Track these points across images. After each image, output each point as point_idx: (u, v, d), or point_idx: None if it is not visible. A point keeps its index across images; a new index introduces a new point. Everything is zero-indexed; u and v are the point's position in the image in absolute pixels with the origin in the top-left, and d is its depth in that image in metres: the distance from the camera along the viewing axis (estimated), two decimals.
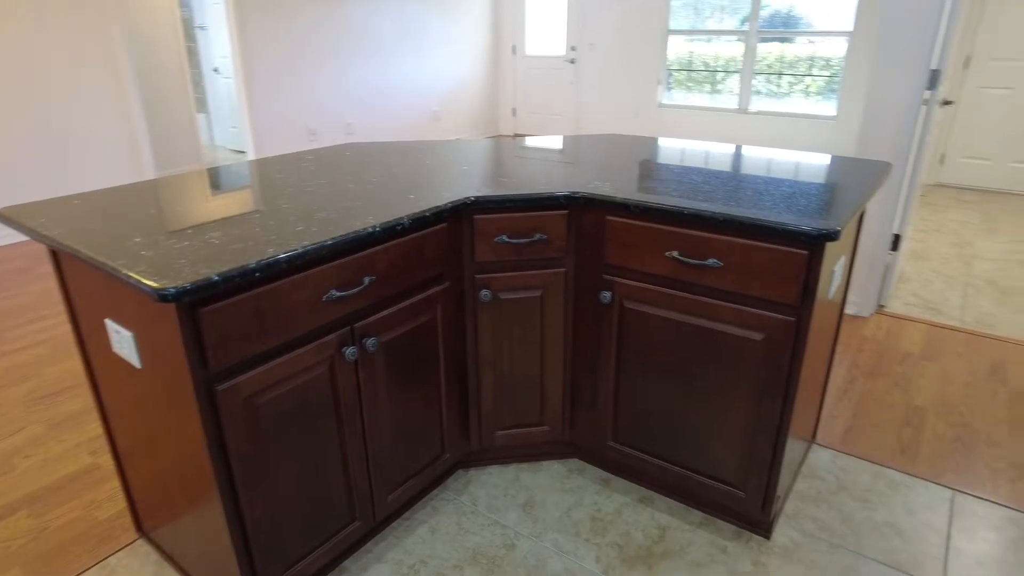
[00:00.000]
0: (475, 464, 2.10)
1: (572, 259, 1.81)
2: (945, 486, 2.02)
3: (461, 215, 1.70)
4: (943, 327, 3.07)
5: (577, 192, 1.71)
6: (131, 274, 1.11)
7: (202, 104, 7.56)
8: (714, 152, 2.21)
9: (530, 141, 2.46)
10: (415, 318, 1.63)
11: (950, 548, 1.79)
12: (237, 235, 1.32)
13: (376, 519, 1.69)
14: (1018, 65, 5.29)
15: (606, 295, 1.75)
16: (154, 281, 1.08)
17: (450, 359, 1.80)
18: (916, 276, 3.68)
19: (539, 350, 1.89)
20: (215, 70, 7.16)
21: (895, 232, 3.11)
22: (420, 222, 1.54)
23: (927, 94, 2.85)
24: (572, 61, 7.68)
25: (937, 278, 3.65)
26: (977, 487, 2.02)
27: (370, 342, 1.48)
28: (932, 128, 3.01)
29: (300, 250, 1.25)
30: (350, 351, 1.43)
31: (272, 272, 1.21)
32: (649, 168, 1.99)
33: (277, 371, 1.29)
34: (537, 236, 1.74)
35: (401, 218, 1.48)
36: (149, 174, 5.05)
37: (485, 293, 1.77)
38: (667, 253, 1.62)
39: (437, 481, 2.01)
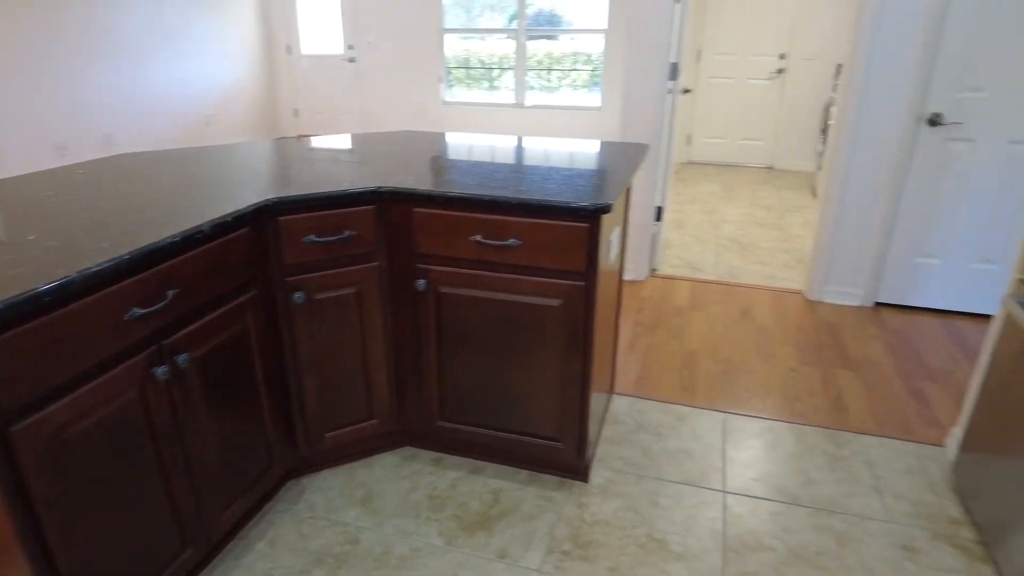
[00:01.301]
0: (308, 471, 2.08)
1: (384, 252, 1.87)
2: (718, 411, 2.43)
3: (264, 218, 1.68)
4: (704, 282, 3.62)
5: (383, 187, 1.78)
6: None
7: None
8: (499, 144, 2.39)
9: (318, 141, 2.45)
10: (227, 328, 1.58)
11: (726, 459, 2.16)
12: (14, 260, 1.19)
13: (210, 543, 1.62)
14: (735, 58, 6.30)
15: (421, 283, 1.84)
16: None
17: (269, 367, 1.77)
18: (678, 242, 4.27)
19: (360, 345, 1.93)
20: None
21: (658, 205, 3.59)
22: (221, 228, 1.50)
23: (670, 84, 3.33)
24: (352, 60, 7.60)
25: (694, 242, 4.28)
26: (740, 407, 2.45)
27: (181, 359, 1.42)
28: (677, 113, 3.52)
29: (95, 268, 1.17)
30: (161, 370, 1.37)
31: (65, 294, 1.12)
32: (443, 161, 2.11)
33: (83, 401, 1.19)
34: (347, 233, 1.77)
35: (201, 225, 1.43)
36: None
37: (298, 295, 1.76)
38: (472, 237, 1.75)
39: (269, 494, 1.96)
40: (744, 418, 2.39)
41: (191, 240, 1.41)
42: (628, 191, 2.26)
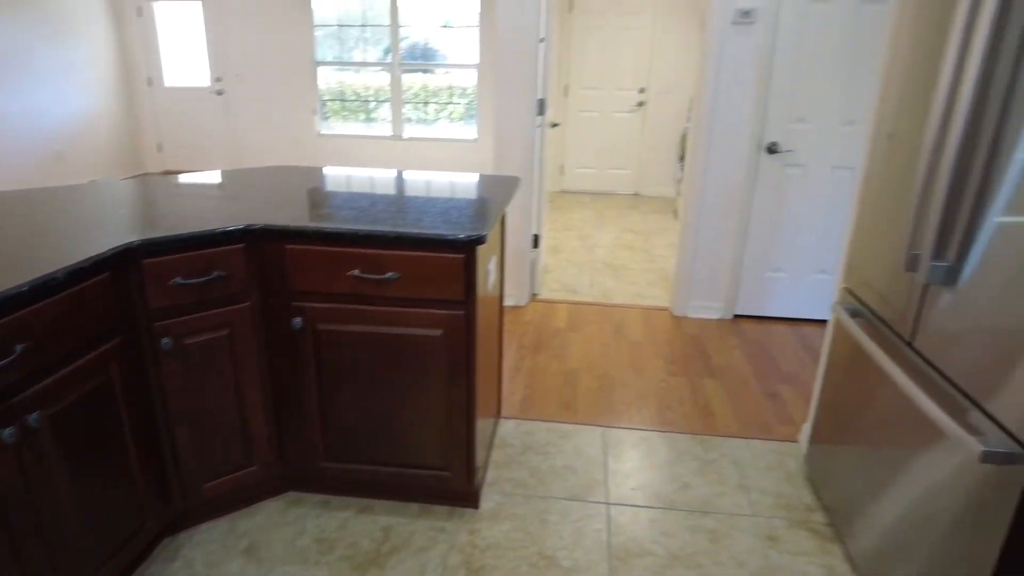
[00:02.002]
0: (185, 526, 1.96)
1: (257, 292, 1.83)
2: (598, 425, 2.55)
3: (127, 262, 1.60)
4: (581, 303, 3.80)
5: (253, 224, 1.75)
6: None
7: None
8: (377, 177, 2.42)
9: (186, 178, 2.36)
10: (87, 380, 1.48)
11: (608, 471, 2.28)
12: None
13: None
14: (600, 93, 6.70)
15: (297, 321, 1.82)
16: None
17: (137, 418, 1.67)
18: (556, 266, 4.45)
19: (236, 389, 1.86)
20: None
21: (535, 233, 3.73)
22: (77, 275, 1.42)
23: (539, 119, 3.50)
24: (220, 92, 7.32)
25: (571, 266, 4.47)
26: (618, 420, 2.59)
27: (33, 418, 1.32)
28: (547, 146, 3.70)
29: None
30: (7, 432, 1.26)
31: None
32: (319, 196, 2.10)
33: None
34: (216, 274, 1.72)
35: (54, 273, 1.35)
36: None
37: (166, 341, 1.69)
38: (349, 272, 1.76)
39: (142, 556, 1.83)
40: (622, 430, 2.52)
41: (42, 289, 1.32)
42: (503, 221, 2.35)
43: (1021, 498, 1.15)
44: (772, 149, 3.35)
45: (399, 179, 2.40)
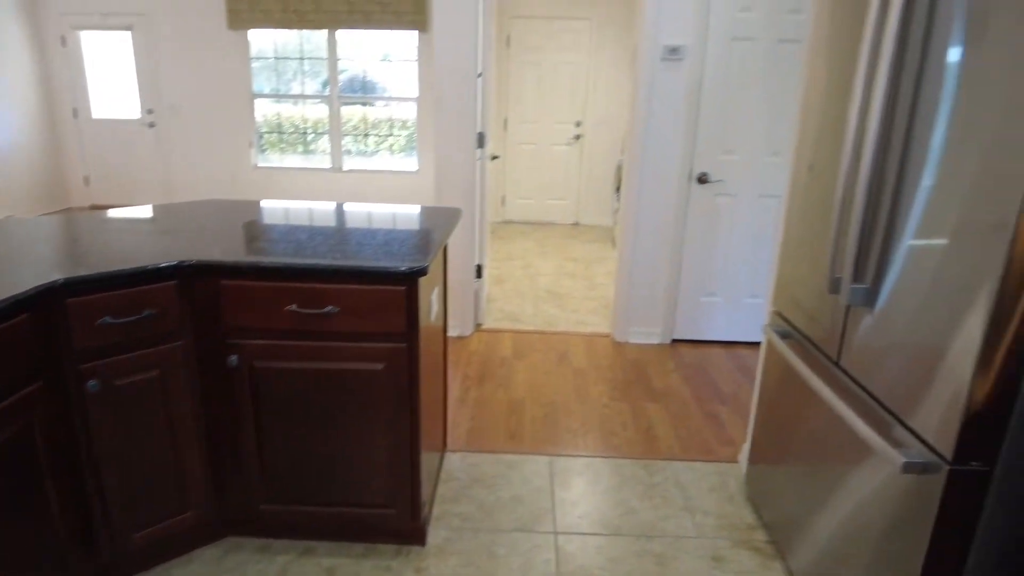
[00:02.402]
0: None
1: (190, 330, 1.77)
2: (544, 454, 2.55)
3: (50, 301, 1.53)
4: (525, 332, 3.82)
5: (186, 260, 1.70)
6: None
7: None
8: (316, 210, 2.39)
9: (115, 212, 2.28)
10: (5, 427, 1.40)
11: (555, 500, 2.28)
12: None
13: None
14: (538, 126, 6.85)
15: (233, 359, 1.77)
16: None
17: (60, 465, 1.58)
18: (500, 296, 4.48)
19: (169, 431, 1.79)
20: None
21: (478, 263, 3.76)
22: None
23: (479, 152, 3.55)
24: (152, 125, 7.12)
25: (515, 295, 4.51)
26: (564, 448, 2.60)
27: None
28: (488, 178, 3.75)
29: None
30: None
31: None
32: (256, 230, 2.07)
33: None
34: (146, 312, 1.66)
35: None
36: None
37: (93, 383, 1.61)
38: (288, 307, 1.73)
39: None
40: (568, 458, 2.53)
41: None
42: (445, 252, 2.36)
43: (940, 506, 1.22)
44: (703, 179, 3.49)
45: (339, 211, 2.39)
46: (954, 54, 1.24)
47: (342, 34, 6.95)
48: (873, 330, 1.49)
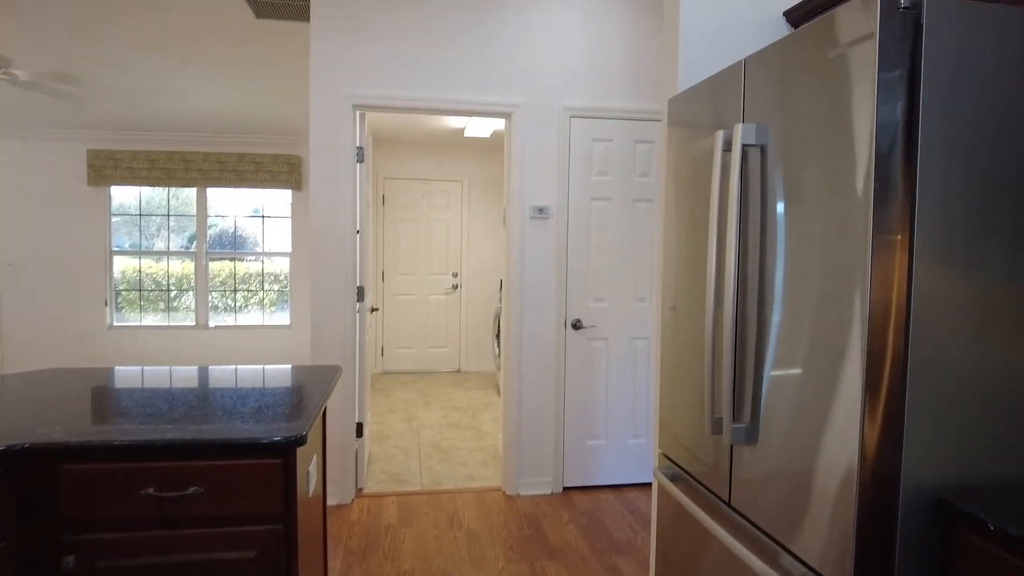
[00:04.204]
0: None
1: (12, 529, 1.49)
2: None
3: None
4: (410, 494, 3.60)
5: (16, 444, 1.47)
6: None
7: None
8: (179, 374, 2.20)
9: None
10: None
11: None
12: None
13: None
14: (416, 277, 6.97)
15: (69, 561, 1.49)
16: None
17: None
18: (382, 455, 4.24)
19: None
20: None
21: (358, 421, 3.57)
22: None
23: (358, 305, 3.51)
24: None
25: (398, 452, 4.29)
26: None
27: None
28: (367, 330, 3.69)
29: None
30: None
31: None
32: (106, 400, 1.85)
33: None
34: None
35: None
36: None
37: None
38: (143, 491, 1.51)
39: None
40: None
41: None
42: (324, 414, 2.23)
43: None
44: (576, 325, 3.64)
45: (203, 374, 2.21)
46: (780, 209, 1.42)
47: (213, 191, 6.89)
48: (755, 464, 1.54)
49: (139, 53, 4.35)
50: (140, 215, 6.86)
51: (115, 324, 6.78)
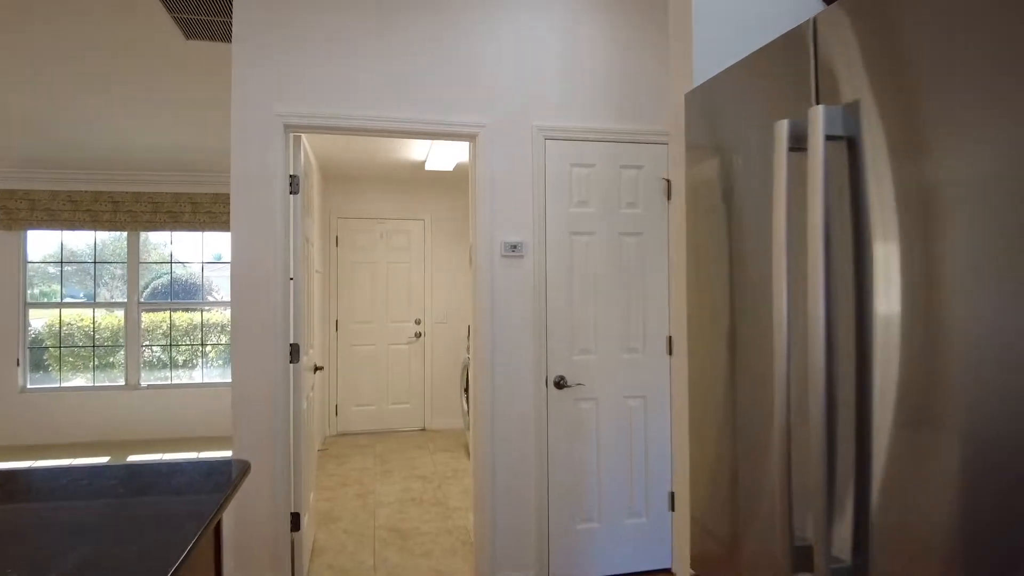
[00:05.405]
0: None
1: None
2: None
3: None
4: None
5: None
6: None
7: None
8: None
9: None
10: None
11: None
12: None
13: None
14: (374, 326, 6.32)
15: None
16: None
17: None
18: (329, 543, 3.53)
19: None
20: None
21: (293, 511, 2.88)
22: None
23: (292, 367, 2.86)
24: None
25: (349, 539, 3.59)
26: None
27: None
28: (309, 394, 3.03)
29: None
30: None
31: None
32: None
33: None
34: None
35: None
36: None
37: None
38: None
39: None
40: None
41: None
42: (219, 529, 1.58)
43: None
44: (560, 384, 3.05)
45: (14, 490, 1.54)
46: (893, 225, 0.87)
47: (145, 236, 6.20)
48: None
49: (59, 81, 3.72)
50: (62, 262, 6.12)
51: (28, 387, 5.95)
